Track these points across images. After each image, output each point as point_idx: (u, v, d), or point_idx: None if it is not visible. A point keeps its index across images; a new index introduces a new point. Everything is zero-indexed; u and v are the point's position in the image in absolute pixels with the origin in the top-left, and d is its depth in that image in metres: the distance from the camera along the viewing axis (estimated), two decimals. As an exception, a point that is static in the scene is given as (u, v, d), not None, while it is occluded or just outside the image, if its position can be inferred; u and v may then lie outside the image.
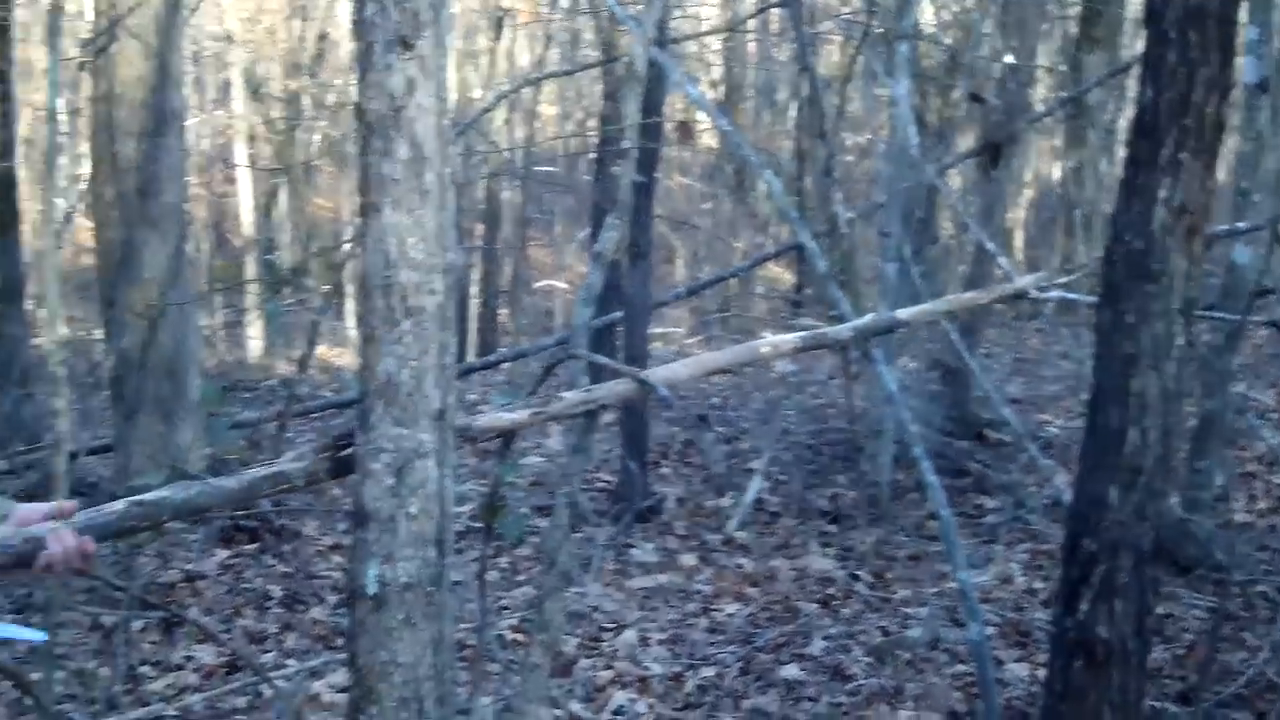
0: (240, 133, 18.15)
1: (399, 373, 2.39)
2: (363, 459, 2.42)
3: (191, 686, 5.00)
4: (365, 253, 2.43)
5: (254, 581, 6.00)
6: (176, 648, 5.40)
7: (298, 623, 5.56)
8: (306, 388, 10.41)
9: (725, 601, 5.52)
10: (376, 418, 2.40)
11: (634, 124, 3.78)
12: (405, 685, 2.39)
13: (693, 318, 14.06)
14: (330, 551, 6.28)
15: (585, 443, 3.11)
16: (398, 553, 2.38)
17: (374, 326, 2.42)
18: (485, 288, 16.65)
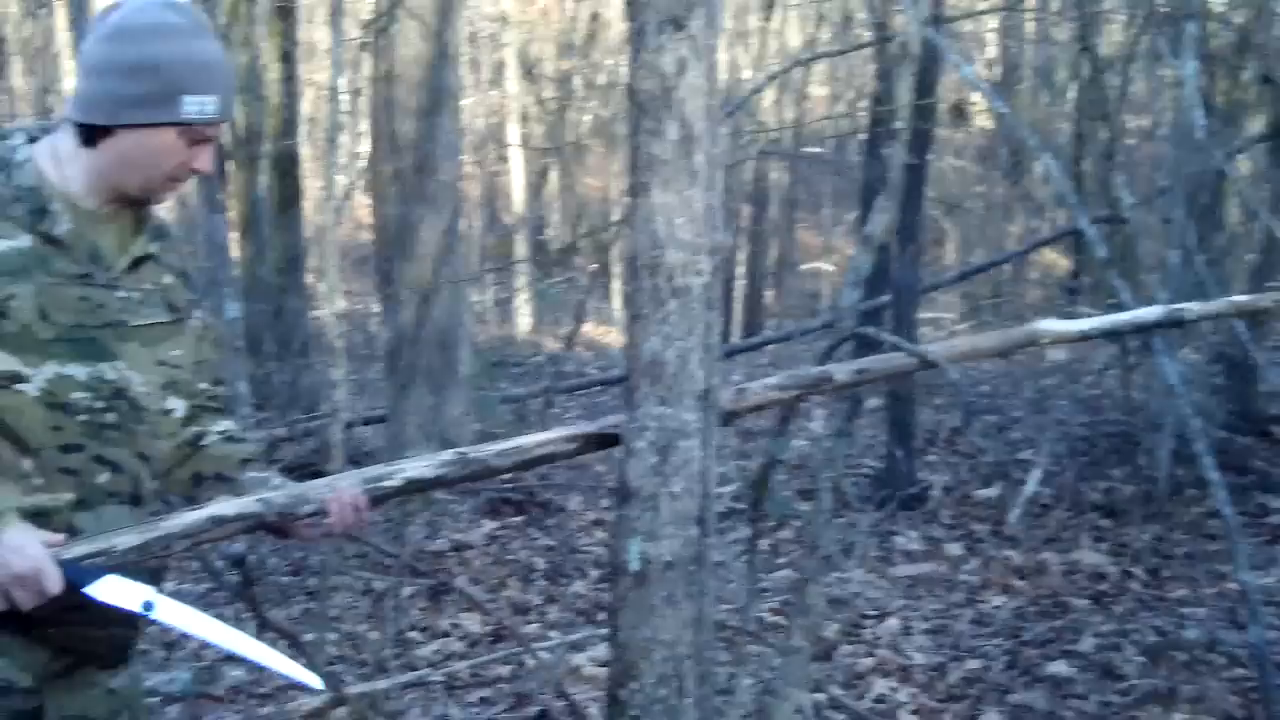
0: (513, 112, 18.60)
1: (664, 352, 2.40)
2: (627, 437, 2.44)
3: (457, 653, 5.15)
4: (633, 232, 2.44)
5: (519, 553, 6.14)
6: (444, 615, 5.57)
7: (560, 595, 5.67)
8: (572, 364, 10.63)
9: (991, 593, 5.39)
10: (641, 396, 2.41)
11: (907, 105, 3.70)
12: (665, 662, 2.40)
13: (963, 303, 13.77)
14: (593, 527, 6.37)
15: (849, 427, 3.06)
16: (660, 530, 2.39)
17: (640, 306, 2.43)
18: (751, 269, 16.67)
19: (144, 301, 2.30)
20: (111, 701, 2.41)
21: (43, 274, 2.16)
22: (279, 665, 2.28)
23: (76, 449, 2.19)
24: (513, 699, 4.51)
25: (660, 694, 2.39)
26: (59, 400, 2.16)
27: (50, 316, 2.15)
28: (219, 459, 2.44)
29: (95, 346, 2.20)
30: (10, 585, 2.08)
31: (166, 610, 2.20)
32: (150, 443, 2.30)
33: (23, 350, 2.13)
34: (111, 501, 2.23)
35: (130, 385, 2.25)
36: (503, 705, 4.50)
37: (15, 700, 2.24)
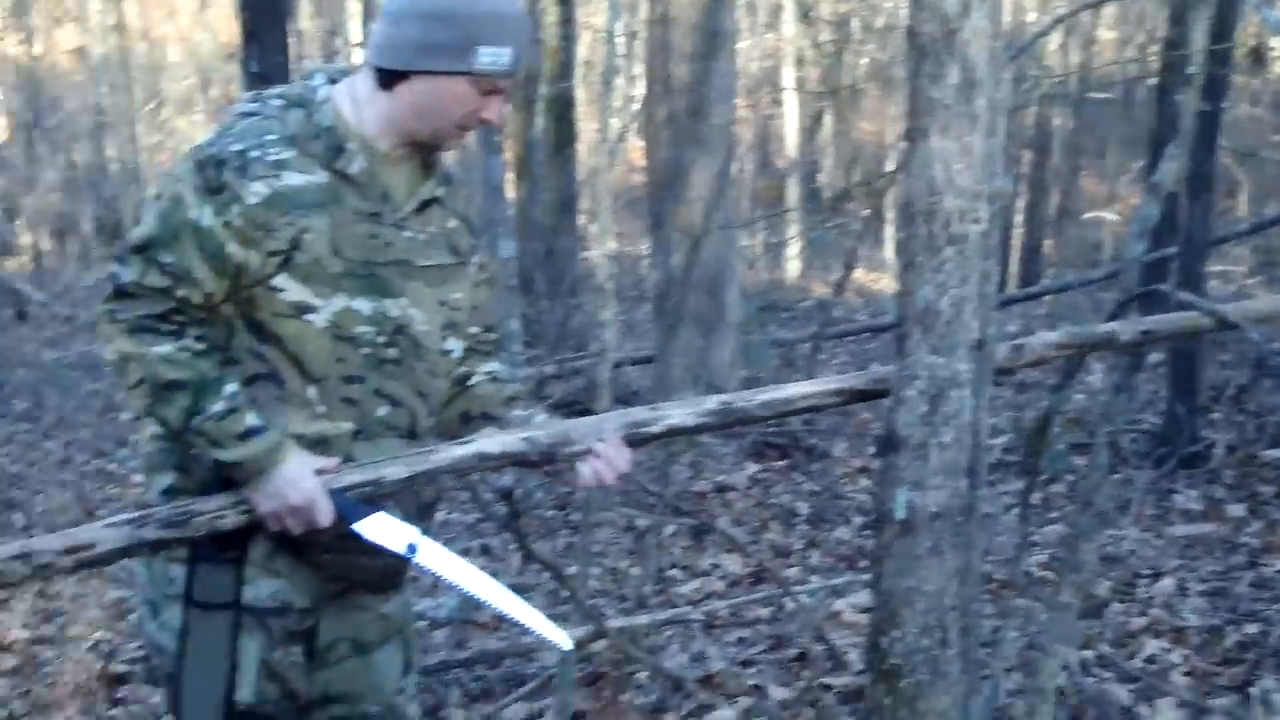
0: (788, 56, 18.47)
1: (938, 301, 2.36)
2: (897, 385, 2.41)
3: (717, 593, 5.21)
4: (910, 178, 2.40)
5: (781, 497, 6.16)
6: (705, 555, 5.63)
7: (822, 540, 5.67)
8: (841, 311, 10.55)
9: (1274, 557, 5.15)
10: (913, 344, 2.38)
11: (1201, 49, 3.53)
12: (929, 613, 2.38)
13: (1254, 256, 13.09)
14: (858, 474, 6.35)
15: (1130, 381, 2.96)
16: (928, 480, 2.36)
17: (915, 253, 2.40)
18: (1030, 217, 16.20)
19: (429, 243, 2.37)
20: (383, 625, 2.52)
21: (337, 209, 2.24)
22: (531, 621, 2.34)
23: (358, 380, 2.28)
24: (771, 641, 4.54)
25: (922, 644, 2.38)
26: (344, 333, 2.25)
27: (341, 251, 2.24)
28: (485, 398, 2.51)
29: (381, 283, 2.28)
30: (284, 515, 2.20)
31: (428, 554, 2.29)
32: (428, 380, 2.39)
33: (313, 282, 2.22)
34: (389, 434, 2.32)
35: (412, 323, 2.33)
36: (761, 646, 4.54)
37: (291, 620, 2.36)
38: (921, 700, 2.38)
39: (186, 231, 2.17)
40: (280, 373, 2.26)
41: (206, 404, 2.16)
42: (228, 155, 2.18)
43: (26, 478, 8.17)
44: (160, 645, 2.37)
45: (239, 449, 2.17)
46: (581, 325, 10.71)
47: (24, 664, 5.05)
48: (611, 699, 4.16)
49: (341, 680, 2.48)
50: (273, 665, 2.34)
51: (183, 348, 2.17)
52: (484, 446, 2.33)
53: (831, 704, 3.92)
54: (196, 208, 2.17)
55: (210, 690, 2.29)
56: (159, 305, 2.17)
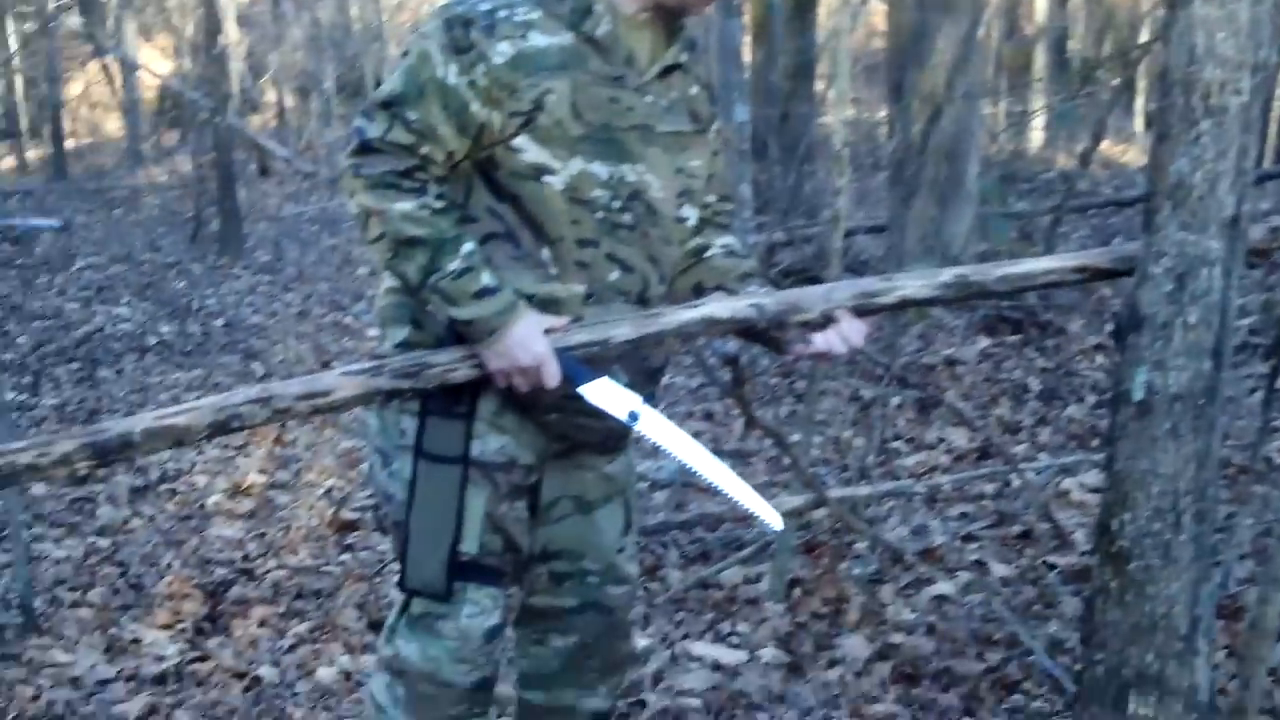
0: (1041, -85, 17.67)
1: (1191, 175, 2.26)
2: (1143, 261, 2.33)
3: (941, 467, 5.16)
4: (1168, 46, 2.30)
5: (1012, 372, 6.05)
6: (930, 428, 5.58)
7: (1053, 418, 5.56)
8: (1085, 183, 10.19)
9: None
10: (1162, 220, 2.29)
11: None
12: (1163, 496, 2.32)
13: None
14: (1093, 351, 6.17)
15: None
16: (1170, 361, 2.28)
17: (1169, 124, 2.30)
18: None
19: (670, 109, 2.36)
20: (606, 485, 2.56)
21: (579, 72, 2.24)
22: (744, 497, 2.35)
23: (591, 244, 2.30)
24: (995, 517, 4.50)
25: (1154, 528, 2.32)
26: (580, 196, 2.27)
27: (582, 114, 2.24)
28: (721, 271, 2.51)
29: (620, 148, 2.28)
30: (513, 374, 2.24)
31: (649, 423, 2.31)
32: (662, 248, 2.39)
33: (552, 144, 2.23)
34: (618, 299, 2.34)
35: (648, 189, 2.33)
36: (984, 522, 4.49)
37: (517, 475, 2.41)
38: (1150, 585, 2.33)
39: (432, 89, 2.20)
40: (516, 232, 2.29)
41: (444, 262, 2.20)
42: (476, 14, 2.20)
43: (267, 328, 8.53)
44: (390, 494, 2.46)
45: (473, 307, 2.21)
46: (813, 192, 10.59)
47: (260, 508, 5.33)
48: (829, 568, 4.19)
49: (563, 537, 2.55)
50: (497, 518, 2.41)
51: (423, 205, 2.21)
52: (712, 311, 2.33)
53: (1054, 583, 3.87)
54: (443, 66, 2.20)
55: (436, 539, 2.37)
56: (402, 162, 2.21)
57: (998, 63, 16.61)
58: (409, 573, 2.40)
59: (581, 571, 2.57)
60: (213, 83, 11.81)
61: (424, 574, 2.38)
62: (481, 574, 2.42)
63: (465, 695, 2.46)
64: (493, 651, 2.46)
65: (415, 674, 2.44)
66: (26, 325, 8.20)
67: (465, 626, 2.41)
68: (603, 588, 2.59)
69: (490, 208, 2.29)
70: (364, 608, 4.17)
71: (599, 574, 2.58)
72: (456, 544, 2.37)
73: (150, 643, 3.96)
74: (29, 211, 12.24)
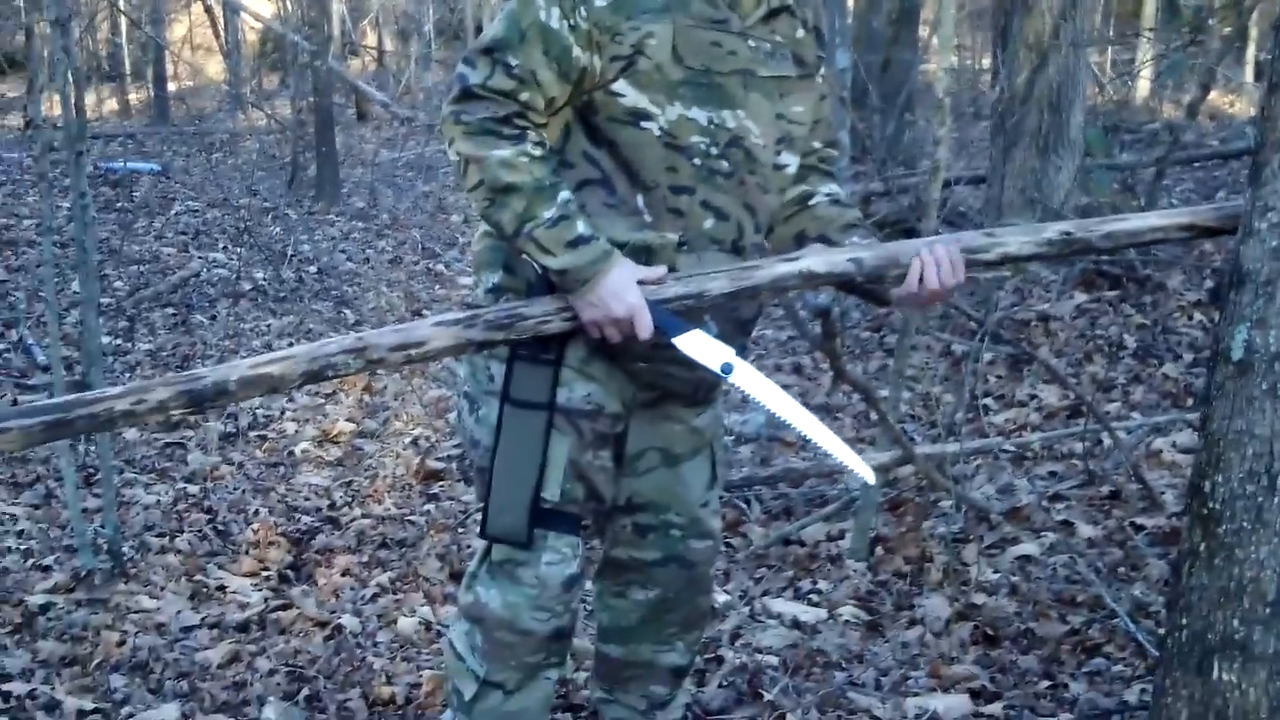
0: None
1: (1302, 125, 2.16)
2: (1248, 216, 2.23)
3: (1031, 425, 5.06)
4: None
5: (1108, 329, 5.91)
6: (1022, 385, 5.47)
7: (1148, 376, 5.42)
8: (1192, 135, 9.93)
9: None
10: (1270, 173, 2.19)
11: None
12: (1258, 458, 2.23)
13: None
14: (1192, 308, 6.01)
15: None
16: (1271, 319, 2.18)
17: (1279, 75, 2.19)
18: None
19: (773, 54, 2.32)
20: (694, 439, 2.53)
21: (681, 15, 2.21)
22: (837, 450, 2.30)
23: (687, 191, 2.26)
24: (1084, 476, 4.39)
25: (1247, 490, 2.23)
26: (678, 142, 2.23)
27: (683, 59, 2.21)
28: (825, 220, 2.46)
29: (720, 93, 2.24)
30: (605, 325, 2.21)
31: (742, 375, 2.26)
32: (759, 195, 2.34)
33: (652, 89, 2.21)
34: (712, 248, 2.31)
35: (748, 135, 2.28)
36: (1073, 481, 4.40)
37: (603, 423, 2.39)
38: (1239, 548, 2.24)
39: (534, 33, 2.18)
40: (611, 179, 2.27)
41: (539, 210, 2.18)
42: None
43: (360, 275, 8.58)
44: (476, 439, 2.45)
45: (567, 256, 2.18)
46: (913, 141, 10.43)
47: (347, 456, 5.36)
48: (912, 526, 4.12)
49: (648, 489, 2.52)
50: (581, 466, 2.39)
51: (521, 152, 2.18)
52: (810, 264, 2.28)
53: (1141, 545, 3.78)
54: (545, 9, 2.17)
55: (519, 485, 2.35)
56: (502, 109, 2.19)
57: (1106, 9, 16.22)
58: (490, 519, 2.39)
59: (665, 524, 2.55)
60: (314, 26, 11.87)
61: (505, 520, 2.38)
62: (562, 522, 2.41)
63: (542, 644, 2.45)
64: (570, 601, 2.45)
65: (493, 620, 2.44)
66: (124, 269, 8.30)
67: (544, 574, 2.41)
68: (685, 541, 2.58)
69: (586, 153, 2.27)
70: (446, 558, 4.17)
71: (683, 528, 2.56)
72: (539, 491, 2.36)
73: (235, 590, 3.99)
74: (130, 155, 12.39)
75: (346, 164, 12.49)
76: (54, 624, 3.69)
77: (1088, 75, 8.11)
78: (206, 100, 17.53)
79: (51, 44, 4.05)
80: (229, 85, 15.92)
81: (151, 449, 5.36)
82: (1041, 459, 4.67)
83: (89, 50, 17.15)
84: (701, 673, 3.23)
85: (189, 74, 17.67)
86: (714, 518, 2.63)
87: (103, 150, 12.49)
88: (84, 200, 3.98)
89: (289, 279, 8.24)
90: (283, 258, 8.75)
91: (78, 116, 4.00)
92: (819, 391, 5.75)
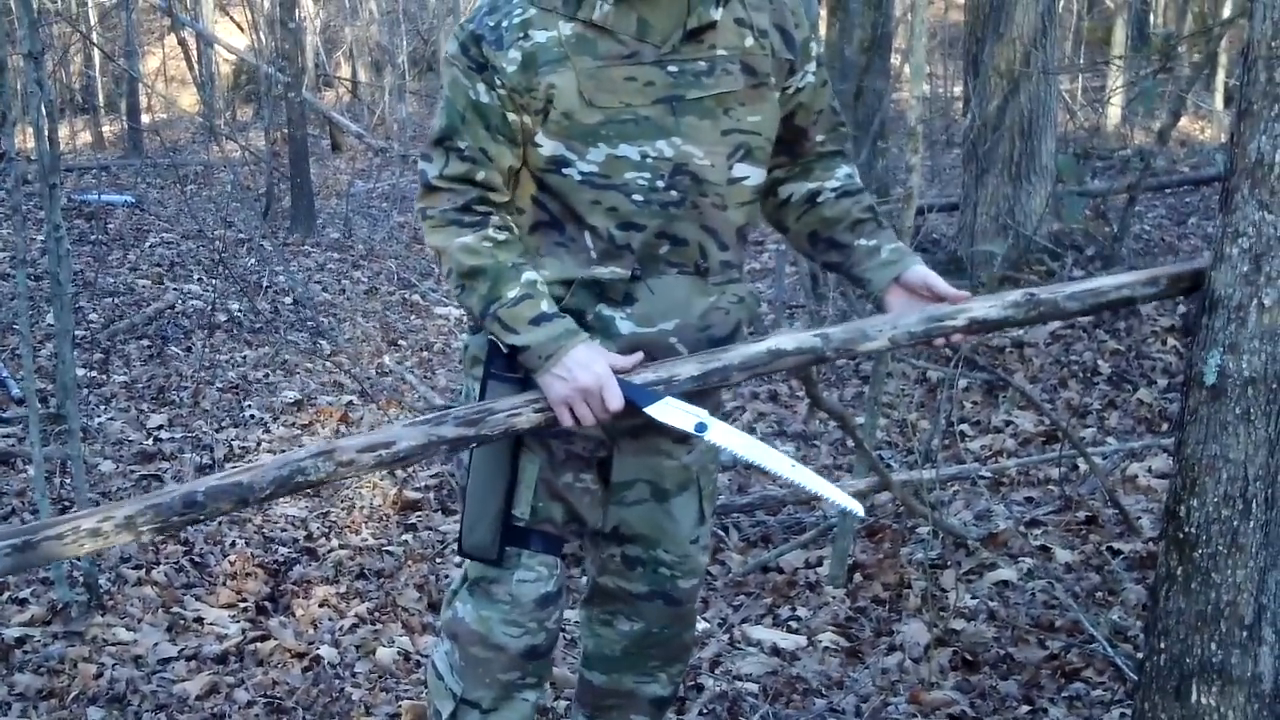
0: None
1: (1273, 153, 2.18)
2: (1218, 241, 2.26)
3: (1007, 451, 5.08)
4: (1253, 20, 2.22)
5: (1083, 355, 5.94)
6: (998, 411, 5.50)
7: (1123, 402, 5.46)
8: (1163, 161, 10.00)
9: None
10: (1241, 199, 2.22)
11: None
12: (1232, 482, 2.25)
13: None
14: (1166, 334, 6.05)
15: None
16: (1244, 344, 2.21)
17: (1251, 101, 2.22)
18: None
19: (710, 71, 2.27)
20: (682, 474, 2.52)
21: (586, 58, 2.20)
22: (824, 490, 2.31)
23: (635, 228, 2.26)
24: (1060, 502, 4.42)
25: (1222, 514, 2.25)
26: (612, 181, 2.23)
27: (594, 101, 2.20)
28: (831, 221, 2.45)
29: (648, 125, 2.23)
30: (574, 400, 2.19)
31: (719, 432, 2.26)
32: (717, 214, 2.32)
33: (566, 136, 2.21)
34: (672, 271, 2.30)
35: (690, 160, 2.26)
36: (1049, 507, 4.42)
37: (579, 445, 2.39)
38: (1215, 572, 2.26)
39: (471, 113, 2.23)
40: (559, 220, 2.29)
41: (503, 290, 2.21)
42: (484, 30, 2.21)
43: (335, 306, 8.56)
44: (461, 459, 2.48)
45: (530, 333, 2.20)
46: (886, 169, 10.46)
47: (324, 487, 5.31)
48: (890, 552, 4.13)
49: (637, 521, 2.52)
50: (556, 487, 2.41)
51: (484, 238, 2.24)
52: (778, 343, 2.28)
53: (1118, 570, 3.79)
54: (472, 88, 2.22)
55: (489, 503, 2.39)
56: (461, 197, 2.25)
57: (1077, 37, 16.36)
58: (464, 536, 2.43)
59: (654, 560, 2.55)
60: (288, 57, 11.86)
61: (476, 537, 2.41)
62: (538, 541, 2.43)
63: (515, 660, 2.47)
64: (545, 619, 2.47)
65: (467, 635, 2.47)
66: (98, 301, 8.26)
67: (517, 591, 2.43)
68: (674, 580, 2.57)
69: (534, 197, 2.30)
70: (424, 588, 4.16)
71: (671, 565, 2.56)
72: (509, 509, 2.38)
73: (212, 622, 3.97)
74: (104, 187, 12.35)
75: (321, 195, 12.47)
76: (30, 657, 3.67)
77: (1059, 102, 8.17)
78: (180, 132, 17.49)
79: (25, 77, 4.04)
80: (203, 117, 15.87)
81: (127, 481, 5.33)
82: (1018, 484, 4.69)
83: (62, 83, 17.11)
84: (682, 700, 3.23)
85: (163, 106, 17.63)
86: (703, 554, 2.63)
87: (77, 182, 12.43)
88: (58, 233, 3.97)
89: (264, 310, 8.21)
90: (258, 289, 8.72)
91: (51, 149, 3.98)
92: (795, 419, 5.76)
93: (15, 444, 5.54)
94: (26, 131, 9.91)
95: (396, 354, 7.36)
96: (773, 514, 4.61)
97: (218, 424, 6.07)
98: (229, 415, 6.21)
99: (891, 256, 2.40)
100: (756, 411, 5.90)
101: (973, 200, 7.28)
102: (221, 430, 5.98)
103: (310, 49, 18.27)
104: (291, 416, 6.19)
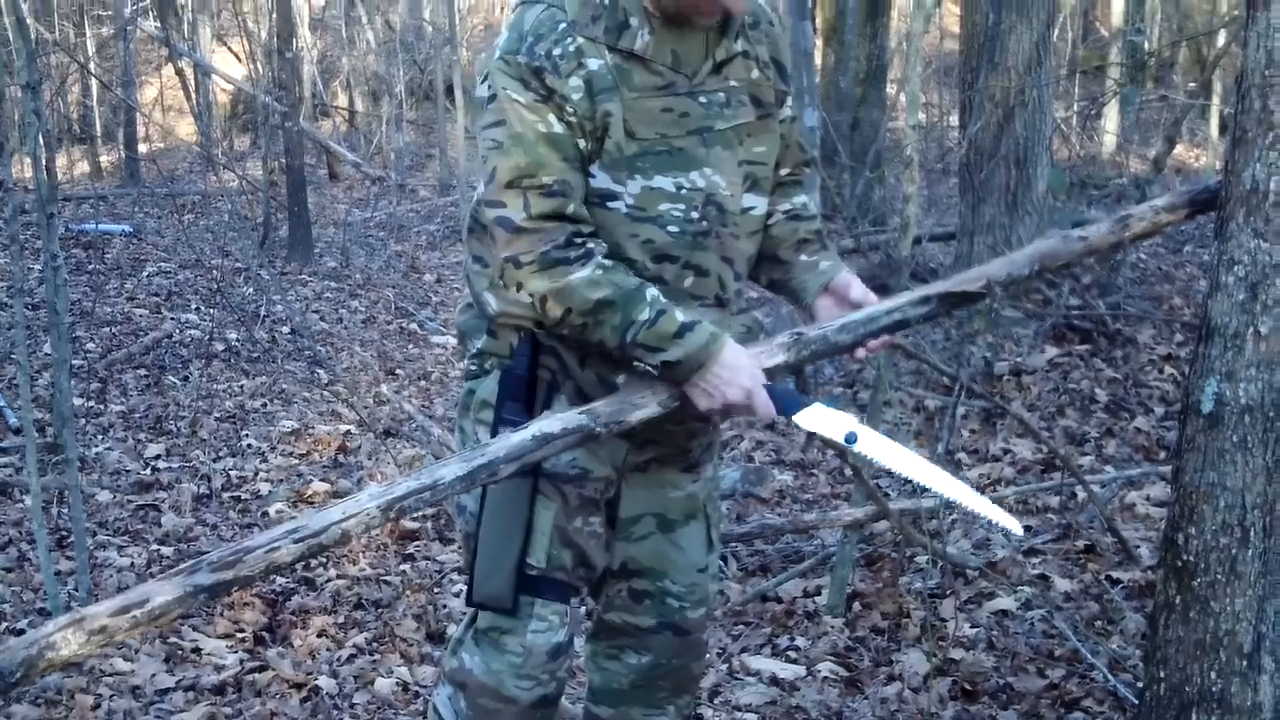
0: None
1: (1267, 181, 2.20)
2: (1214, 270, 2.26)
3: (1005, 479, 5.08)
4: (1246, 49, 2.23)
5: (1080, 383, 5.94)
6: (995, 439, 5.49)
7: (1120, 430, 5.46)
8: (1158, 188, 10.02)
9: None
10: (1235, 227, 2.23)
11: None
12: (1230, 510, 2.25)
13: None
14: (1163, 362, 6.06)
15: None
16: (1240, 372, 2.22)
17: (1245, 129, 2.23)
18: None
19: (729, 102, 2.30)
20: (688, 504, 2.51)
21: (628, 90, 2.20)
22: (980, 507, 2.23)
23: (670, 259, 2.26)
24: (1059, 530, 4.41)
25: (1220, 542, 2.26)
26: (647, 214, 2.23)
27: (634, 133, 2.20)
28: (777, 240, 2.46)
29: (683, 156, 2.24)
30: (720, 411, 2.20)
31: (869, 443, 2.21)
32: (733, 244, 2.34)
33: (615, 168, 2.20)
34: (694, 304, 2.29)
35: (717, 190, 2.27)
36: (1048, 535, 4.41)
37: (590, 488, 2.38)
38: (1214, 600, 2.26)
39: (546, 146, 2.17)
40: None
41: (635, 314, 2.16)
42: (540, 61, 2.17)
43: (333, 335, 8.55)
44: (463, 505, 2.45)
45: (678, 348, 2.16)
46: (882, 199, 10.49)
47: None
48: (889, 581, 4.12)
49: (644, 555, 2.51)
50: (568, 533, 2.38)
51: (597, 266, 2.17)
52: (542, 428, 2.13)
53: (1117, 599, 3.79)
54: (541, 120, 2.17)
55: (505, 551, 2.34)
56: (560, 233, 2.17)
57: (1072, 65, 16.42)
58: (476, 586, 2.38)
59: (662, 591, 2.53)
60: (285, 87, 11.88)
61: (491, 587, 2.36)
62: (550, 589, 2.39)
63: (526, 712, 2.43)
64: (557, 669, 2.43)
65: (477, 687, 2.43)
66: (96, 331, 8.25)
67: (530, 642, 2.39)
68: (682, 611, 2.55)
69: None
70: (423, 618, 4.15)
71: (679, 596, 2.54)
72: (524, 557, 2.35)
73: (210, 652, 3.96)
74: (102, 217, 12.35)
75: (319, 224, 12.47)
76: (28, 688, 3.65)
77: (1054, 131, 8.19)
78: (178, 161, 17.49)
79: (23, 107, 4.06)
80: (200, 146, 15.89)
81: (125, 511, 5.32)
82: (1016, 513, 4.67)
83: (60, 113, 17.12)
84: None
85: (160, 135, 17.63)
86: (712, 582, 2.61)
87: (74, 212, 12.42)
88: (55, 262, 3.97)
89: (262, 339, 8.20)
90: (256, 318, 8.72)
91: (49, 179, 3.99)
92: (793, 448, 5.76)
93: (13, 474, 5.53)
94: (24, 161, 9.90)
95: (394, 383, 7.36)
96: (771, 543, 4.60)
97: (215, 453, 6.06)
98: (226, 445, 6.20)
99: (826, 269, 2.42)
100: (754, 439, 5.90)
101: (969, 229, 7.28)
102: (219, 460, 5.98)
103: (307, 78, 18.30)
104: (289, 446, 6.19)
